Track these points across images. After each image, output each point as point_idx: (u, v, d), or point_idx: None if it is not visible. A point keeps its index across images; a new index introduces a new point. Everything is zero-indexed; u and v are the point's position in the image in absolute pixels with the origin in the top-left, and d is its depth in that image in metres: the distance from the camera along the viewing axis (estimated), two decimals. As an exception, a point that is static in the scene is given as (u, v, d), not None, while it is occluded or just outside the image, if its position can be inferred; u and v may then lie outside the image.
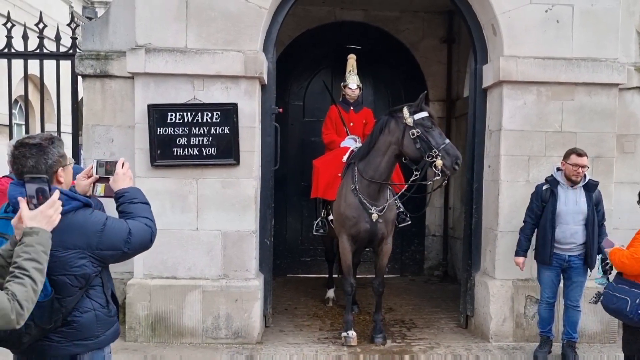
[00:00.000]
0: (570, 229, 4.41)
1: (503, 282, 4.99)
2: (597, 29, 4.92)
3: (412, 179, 4.72)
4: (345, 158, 5.38)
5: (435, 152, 4.39)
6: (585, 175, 4.45)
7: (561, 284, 4.61)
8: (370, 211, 4.80)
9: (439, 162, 4.35)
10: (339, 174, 5.24)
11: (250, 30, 4.77)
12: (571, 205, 4.42)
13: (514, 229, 4.89)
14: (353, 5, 7.39)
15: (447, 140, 4.48)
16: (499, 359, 4.70)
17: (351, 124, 5.95)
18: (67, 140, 4.06)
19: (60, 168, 2.18)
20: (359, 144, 5.54)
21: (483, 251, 5.28)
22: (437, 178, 4.48)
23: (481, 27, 5.20)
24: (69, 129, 5.91)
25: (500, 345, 4.94)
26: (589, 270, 4.53)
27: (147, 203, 2.38)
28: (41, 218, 1.93)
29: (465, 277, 5.46)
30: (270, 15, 4.96)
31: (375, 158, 4.77)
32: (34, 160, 2.09)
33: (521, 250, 4.58)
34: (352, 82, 5.94)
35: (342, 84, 6.08)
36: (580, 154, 4.39)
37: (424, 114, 4.54)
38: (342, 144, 5.74)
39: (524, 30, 4.89)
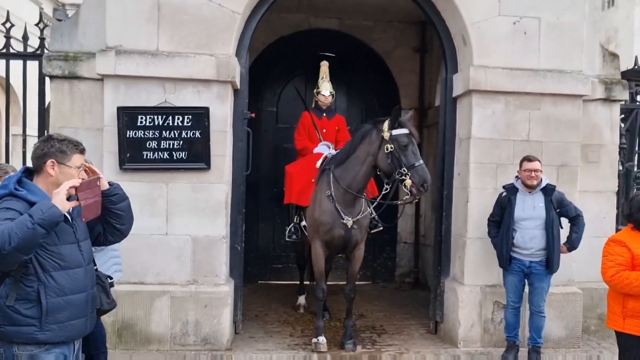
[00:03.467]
0: (529, 233, 4.51)
1: (472, 288, 5.06)
2: (563, 42, 5.07)
3: (383, 192, 4.74)
4: (319, 164, 5.38)
5: (404, 170, 4.38)
6: (542, 180, 4.56)
7: (527, 289, 4.70)
8: (345, 218, 4.80)
9: (407, 182, 4.35)
10: (313, 180, 5.24)
11: (223, 34, 4.76)
12: (529, 211, 4.52)
13: (482, 236, 4.98)
14: (328, 14, 7.45)
15: (420, 162, 4.41)
16: (467, 364, 4.75)
17: (324, 131, 5.97)
18: (32, 143, 3.97)
19: (51, 161, 2.43)
20: (332, 151, 5.57)
21: (453, 258, 5.35)
22: (407, 197, 4.52)
23: (452, 38, 5.30)
24: (35, 132, 5.76)
25: (468, 351, 4.99)
26: (552, 275, 4.62)
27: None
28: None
29: (435, 284, 5.51)
30: (244, 20, 4.97)
31: (354, 166, 4.78)
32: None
33: (504, 258, 4.65)
34: (325, 88, 5.97)
35: (315, 90, 6.11)
36: (530, 159, 4.54)
37: (403, 130, 4.49)
38: (316, 150, 5.75)
39: (493, 41, 5.00)
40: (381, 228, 5.52)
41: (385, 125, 4.55)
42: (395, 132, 4.49)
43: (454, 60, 5.33)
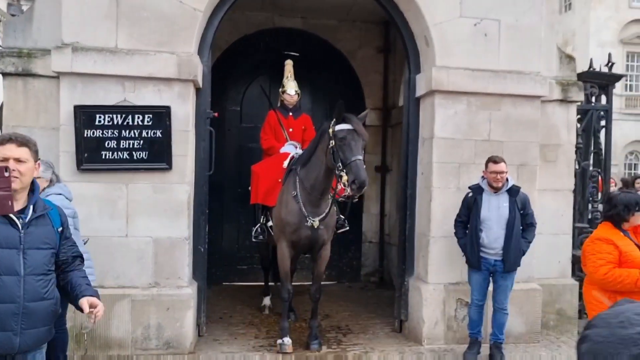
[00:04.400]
0: (494, 233, 4.55)
1: (435, 286, 5.12)
2: (521, 44, 5.18)
3: (337, 190, 4.70)
4: (285, 164, 5.35)
5: (340, 166, 4.32)
6: (508, 180, 4.62)
7: (491, 287, 4.78)
8: (311, 218, 4.78)
9: (344, 178, 4.27)
10: (280, 180, 5.20)
11: (185, 32, 4.67)
12: (494, 211, 4.57)
13: (445, 234, 5.05)
14: (292, 13, 7.42)
15: (358, 157, 4.26)
16: (431, 362, 4.81)
17: (290, 130, 5.93)
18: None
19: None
20: (299, 150, 5.54)
21: (417, 256, 5.40)
22: (348, 193, 4.38)
23: (415, 38, 5.35)
24: (-12, 131, 5.54)
25: (432, 348, 5.05)
26: (515, 274, 4.69)
27: None
28: None
29: (399, 283, 5.56)
30: (206, 18, 4.89)
31: (316, 167, 4.75)
32: None
33: (474, 258, 4.65)
34: (290, 87, 5.94)
35: (280, 89, 6.07)
36: (496, 161, 4.57)
37: (344, 126, 4.39)
38: (282, 150, 5.70)
39: (454, 42, 5.07)
40: (347, 228, 5.54)
41: (332, 122, 4.52)
42: (337, 127, 4.43)
43: (417, 61, 5.38)
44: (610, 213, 3.57)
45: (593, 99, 6.08)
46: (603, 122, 6.15)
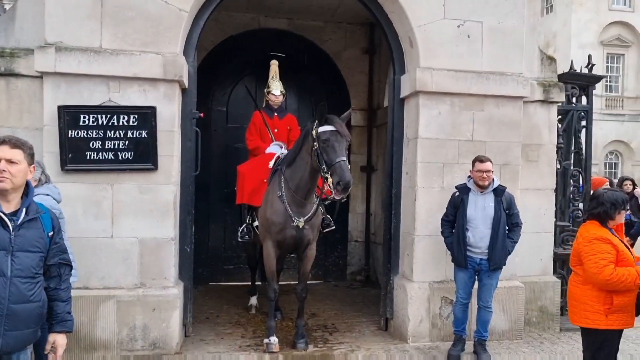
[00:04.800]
0: (480, 232, 4.59)
1: (420, 285, 5.18)
2: (504, 45, 5.27)
3: (323, 190, 4.71)
4: (271, 164, 5.37)
5: (325, 168, 4.36)
6: (494, 180, 4.67)
7: (476, 285, 4.83)
8: (296, 218, 4.81)
9: (329, 179, 4.31)
10: (265, 180, 5.22)
11: (170, 32, 4.67)
12: (480, 211, 4.61)
13: (430, 233, 5.11)
14: (277, 13, 7.44)
15: (342, 159, 4.29)
16: (415, 359, 4.85)
17: (276, 130, 5.96)
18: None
19: None
20: (284, 150, 5.56)
21: (402, 255, 5.45)
22: (334, 195, 4.37)
23: (399, 40, 5.40)
24: (-30, 131, 5.47)
25: (417, 346, 5.11)
26: (500, 272, 4.73)
27: None
28: None
29: (385, 281, 5.61)
30: (192, 19, 4.89)
31: (300, 167, 4.78)
32: None
33: (460, 257, 4.68)
34: (276, 88, 5.96)
35: (265, 90, 6.09)
36: (482, 160, 4.62)
37: (327, 127, 4.41)
38: (268, 150, 5.73)
39: (438, 43, 5.14)
40: (333, 227, 5.58)
41: (315, 123, 4.54)
42: (320, 129, 4.45)
43: (402, 62, 5.44)
44: (597, 211, 3.51)
45: (574, 100, 6.18)
46: (583, 123, 6.26)
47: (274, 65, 6.03)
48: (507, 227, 4.69)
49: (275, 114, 6.01)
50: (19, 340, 2.46)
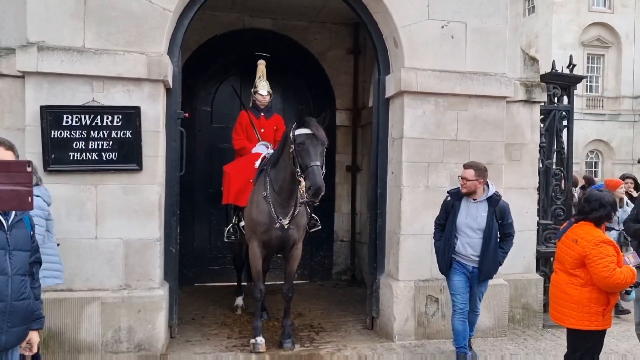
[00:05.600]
0: (470, 241, 4.43)
1: (406, 283, 5.21)
2: (487, 46, 5.33)
3: (303, 191, 4.68)
4: (257, 164, 5.36)
5: (298, 171, 4.35)
6: (489, 187, 4.47)
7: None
8: (281, 218, 4.81)
9: (302, 183, 4.30)
10: (251, 180, 5.21)
11: (154, 32, 4.64)
12: (471, 219, 4.43)
13: (415, 232, 5.15)
14: (262, 13, 7.43)
15: (316, 163, 4.24)
16: (402, 357, 4.88)
17: (262, 130, 5.95)
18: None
19: None
20: (270, 150, 5.55)
21: (387, 254, 5.49)
22: (306, 198, 4.35)
23: (384, 40, 5.44)
24: (-51, 132, 5.37)
25: (403, 344, 5.14)
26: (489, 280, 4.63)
27: None
28: None
29: (371, 280, 5.64)
30: (176, 18, 4.86)
31: (282, 169, 4.78)
32: None
33: (443, 264, 4.54)
34: (262, 88, 5.95)
35: (252, 89, 6.07)
36: (465, 165, 4.49)
37: (303, 130, 4.39)
38: (254, 150, 5.71)
39: (423, 44, 5.18)
40: (320, 227, 5.59)
41: (293, 126, 4.52)
42: (297, 132, 4.43)
43: (386, 62, 5.47)
44: (599, 214, 3.49)
45: (555, 100, 6.27)
46: (565, 122, 6.35)
47: (262, 65, 6.02)
48: (498, 237, 4.51)
49: (262, 114, 6.00)
50: (18, 336, 2.56)
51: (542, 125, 6.10)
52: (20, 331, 2.56)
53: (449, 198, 4.57)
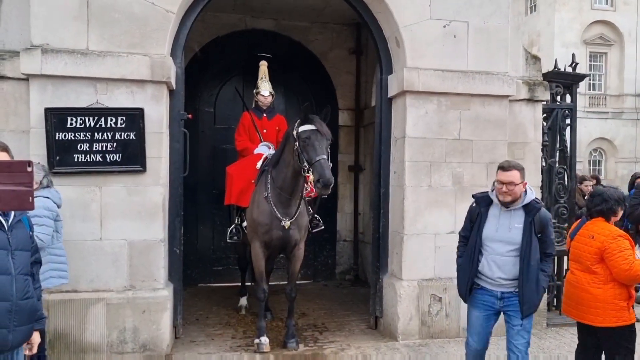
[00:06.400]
0: (497, 259, 3.49)
1: (409, 283, 5.22)
2: (489, 45, 5.33)
3: (306, 190, 4.75)
4: (259, 165, 5.38)
5: (306, 166, 4.40)
6: (526, 193, 3.51)
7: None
8: (282, 218, 4.83)
9: (310, 177, 4.34)
10: (253, 181, 5.24)
11: (157, 34, 4.66)
12: (503, 232, 3.49)
13: (418, 232, 5.16)
14: (264, 14, 7.45)
15: (322, 157, 4.28)
16: (406, 357, 4.89)
17: (264, 131, 5.96)
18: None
19: None
20: (272, 151, 5.57)
21: (390, 254, 5.49)
22: (314, 193, 4.40)
23: (386, 40, 5.45)
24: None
25: (407, 344, 5.15)
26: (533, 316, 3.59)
27: None
28: None
29: (374, 280, 5.65)
30: (179, 20, 4.88)
31: (283, 168, 4.81)
32: None
33: (463, 286, 3.64)
34: (264, 88, 5.96)
35: (254, 90, 6.09)
36: (504, 167, 3.51)
37: (308, 127, 4.46)
38: (256, 151, 5.73)
39: (424, 43, 5.19)
40: (322, 227, 5.60)
41: (297, 123, 4.58)
42: (301, 128, 4.50)
43: (389, 62, 5.48)
44: (601, 208, 3.57)
45: (558, 98, 6.26)
46: (568, 121, 6.34)
47: (264, 66, 6.03)
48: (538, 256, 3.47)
49: (264, 114, 6.02)
50: (24, 335, 2.59)
51: (544, 123, 6.10)
52: (26, 330, 2.59)
53: (474, 204, 3.65)
